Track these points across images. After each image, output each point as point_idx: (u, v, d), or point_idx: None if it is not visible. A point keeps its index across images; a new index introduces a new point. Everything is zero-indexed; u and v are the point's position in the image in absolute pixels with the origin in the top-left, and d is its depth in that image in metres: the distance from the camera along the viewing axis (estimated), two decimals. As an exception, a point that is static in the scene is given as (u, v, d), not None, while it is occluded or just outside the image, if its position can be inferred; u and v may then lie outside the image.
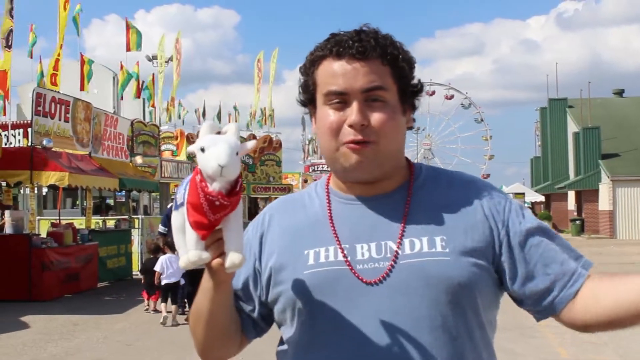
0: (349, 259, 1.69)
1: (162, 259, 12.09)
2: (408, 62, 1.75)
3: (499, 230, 1.71)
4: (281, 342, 1.83)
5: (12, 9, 16.97)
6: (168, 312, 11.81)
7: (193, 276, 11.58)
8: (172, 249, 11.79)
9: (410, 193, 1.76)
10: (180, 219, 1.55)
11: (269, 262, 1.77)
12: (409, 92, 1.76)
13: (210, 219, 1.47)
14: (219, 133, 1.52)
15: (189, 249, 1.51)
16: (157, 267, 12.03)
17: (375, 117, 1.67)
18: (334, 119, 1.68)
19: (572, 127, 49.29)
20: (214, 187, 1.45)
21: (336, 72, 1.69)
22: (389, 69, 1.70)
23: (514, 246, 1.70)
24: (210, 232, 1.50)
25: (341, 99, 1.68)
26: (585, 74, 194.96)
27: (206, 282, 1.67)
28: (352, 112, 1.66)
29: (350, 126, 1.66)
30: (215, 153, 1.44)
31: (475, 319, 1.69)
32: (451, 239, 1.68)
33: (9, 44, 16.91)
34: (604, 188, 40.52)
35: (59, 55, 19.03)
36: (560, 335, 9.88)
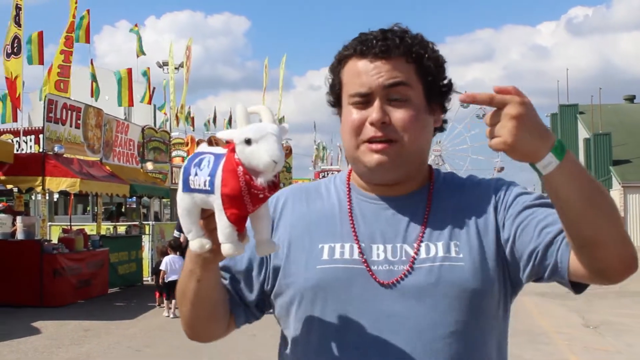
0: (365, 258, 1.67)
1: (166, 259, 13.42)
2: (435, 61, 1.73)
3: (502, 212, 1.69)
4: (284, 341, 1.80)
5: (16, 15, 16.99)
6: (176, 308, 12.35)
7: None
8: (175, 250, 13.38)
9: (430, 197, 1.75)
10: (190, 202, 1.46)
11: (279, 250, 1.73)
12: (437, 91, 1.74)
13: (249, 211, 1.40)
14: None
15: (224, 242, 1.42)
16: (162, 267, 13.43)
17: (397, 115, 1.66)
18: (356, 117, 1.68)
19: (582, 133, 49.11)
20: (261, 181, 1.37)
21: (360, 71, 1.69)
22: (414, 67, 1.69)
23: (514, 217, 1.67)
24: (245, 224, 1.43)
25: (364, 99, 1.68)
26: (596, 80, 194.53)
27: (193, 263, 1.61)
28: (373, 110, 1.66)
29: (372, 124, 1.65)
30: (268, 148, 1.35)
31: (488, 326, 1.68)
32: (465, 244, 1.67)
33: (14, 50, 16.92)
34: (615, 194, 40.33)
35: (63, 61, 19.00)
36: (571, 341, 9.82)
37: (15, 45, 16.98)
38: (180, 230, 13.78)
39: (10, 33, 16.90)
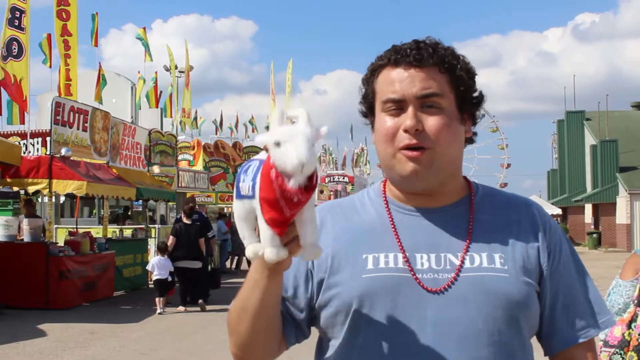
0: (411, 266, 1.69)
1: (153, 260, 14.64)
2: (467, 72, 1.77)
3: (547, 259, 1.76)
4: (321, 349, 1.81)
5: (13, 18, 16.89)
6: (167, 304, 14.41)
7: (182, 274, 14.65)
8: (162, 252, 14.52)
9: (472, 209, 1.78)
10: (242, 208, 1.49)
11: (322, 264, 1.75)
12: (468, 102, 1.78)
13: (287, 215, 1.40)
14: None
15: (265, 246, 1.43)
16: (148, 267, 14.96)
17: (430, 123, 1.69)
18: (390, 125, 1.71)
19: (589, 140, 49.07)
20: (292, 184, 1.36)
21: (393, 79, 1.73)
22: (447, 77, 1.73)
23: (551, 277, 1.76)
24: (286, 228, 1.43)
25: (397, 106, 1.71)
26: (603, 86, 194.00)
27: (259, 272, 1.61)
28: (407, 117, 1.69)
29: (405, 131, 1.68)
30: (295, 148, 1.34)
31: (527, 337, 1.73)
32: (509, 258, 1.71)
33: (13, 53, 16.86)
34: (622, 201, 40.24)
35: (67, 64, 19.02)
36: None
37: (14, 48, 16.93)
38: (174, 235, 14.76)
39: (5, 35, 16.80)
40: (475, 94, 1.80)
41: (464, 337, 1.63)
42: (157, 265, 14.29)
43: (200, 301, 14.53)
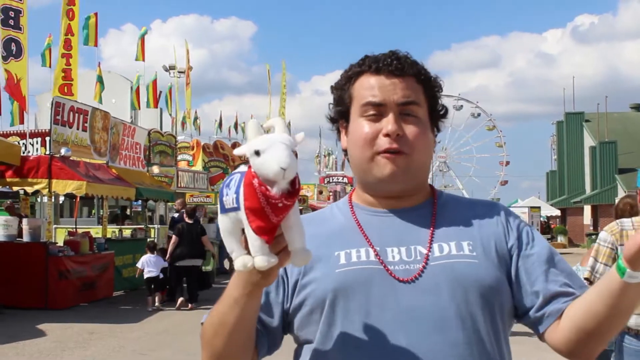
0: (382, 259, 1.74)
1: (143, 258, 14.80)
2: (438, 86, 1.88)
3: (513, 242, 1.80)
4: (300, 352, 1.81)
5: (9, 19, 16.85)
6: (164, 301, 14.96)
7: (178, 272, 14.95)
8: (151, 250, 14.88)
9: (435, 207, 1.85)
10: (228, 222, 1.49)
11: (295, 267, 1.75)
12: (437, 113, 1.88)
13: (274, 221, 1.41)
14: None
15: (254, 255, 1.43)
16: (138, 264, 14.99)
17: (409, 130, 1.77)
18: (370, 130, 1.77)
19: (588, 141, 49.13)
20: (275, 190, 1.38)
21: (374, 85, 1.80)
22: (422, 88, 1.82)
23: (522, 258, 1.79)
24: (274, 235, 1.44)
25: (377, 111, 1.78)
26: (602, 87, 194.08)
27: (240, 289, 1.60)
28: (389, 122, 1.75)
29: (387, 135, 1.74)
30: (275, 155, 1.37)
31: (500, 323, 1.76)
32: (477, 245, 1.77)
33: (14, 53, 16.86)
34: (621, 203, 40.25)
35: (67, 64, 19.02)
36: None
37: (12, 48, 16.91)
38: (178, 234, 14.92)
39: (2, 36, 16.78)
40: (441, 106, 1.89)
41: (438, 323, 1.67)
42: (147, 263, 14.54)
43: (190, 305, 14.82)
